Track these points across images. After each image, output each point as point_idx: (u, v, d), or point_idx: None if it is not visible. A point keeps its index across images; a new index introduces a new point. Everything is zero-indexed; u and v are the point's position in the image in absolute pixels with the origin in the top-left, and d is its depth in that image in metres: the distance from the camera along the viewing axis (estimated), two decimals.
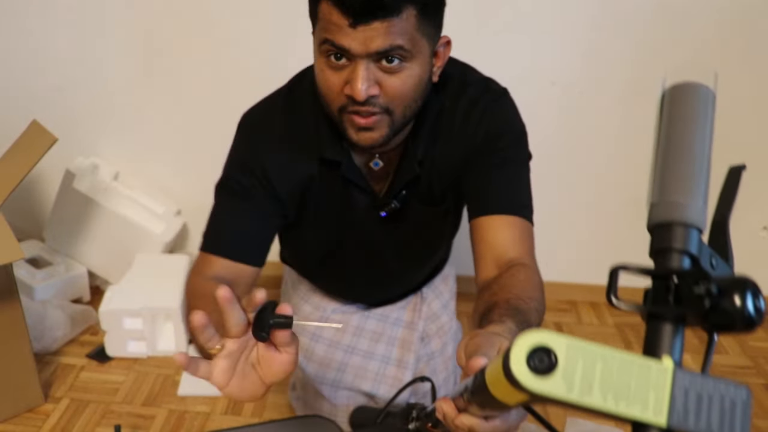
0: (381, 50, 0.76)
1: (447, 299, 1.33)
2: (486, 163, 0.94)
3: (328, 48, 0.78)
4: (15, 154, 1.40)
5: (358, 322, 1.26)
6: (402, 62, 0.79)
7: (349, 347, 1.24)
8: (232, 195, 0.97)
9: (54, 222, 1.85)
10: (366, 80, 0.78)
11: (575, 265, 2.02)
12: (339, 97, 0.81)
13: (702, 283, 0.37)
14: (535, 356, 0.35)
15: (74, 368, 1.61)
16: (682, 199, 0.40)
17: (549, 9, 1.61)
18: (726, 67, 1.68)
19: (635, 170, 1.84)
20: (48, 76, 1.79)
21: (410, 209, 1.01)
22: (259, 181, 0.94)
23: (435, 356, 1.26)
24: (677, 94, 0.43)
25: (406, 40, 0.77)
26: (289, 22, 1.64)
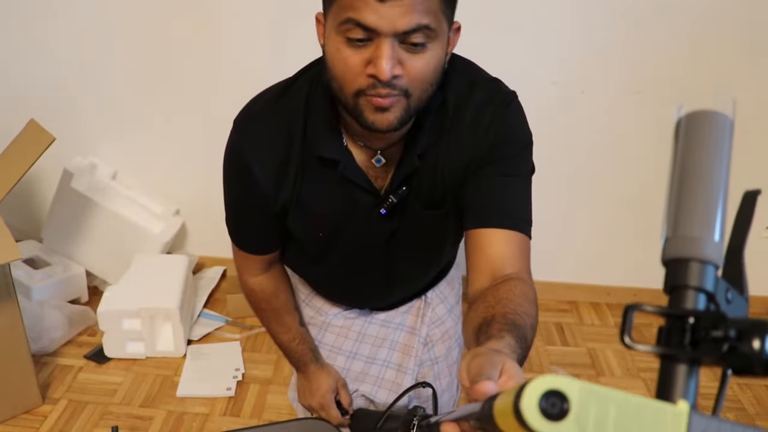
0: (408, 29, 0.73)
1: (452, 304, 1.31)
2: (490, 171, 0.91)
3: (349, 27, 0.73)
4: (12, 153, 1.39)
5: (360, 327, 1.25)
6: (426, 43, 0.75)
7: (351, 352, 1.24)
8: (239, 201, 1.01)
9: (52, 222, 1.84)
10: (391, 59, 0.74)
11: (575, 265, 2.01)
12: (358, 79, 0.77)
13: (720, 326, 0.36)
14: (547, 400, 0.34)
15: (72, 369, 1.60)
16: (699, 234, 0.39)
17: (550, 8, 1.60)
18: (726, 67, 1.67)
19: (636, 170, 1.84)
20: (46, 76, 1.78)
21: (410, 210, 0.99)
22: (254, 190, 0.95)
23: (439, 361, 1.24)
24: (693, 122, 0.41)
25: (432, 19, 0.74)
26: (289, 23, 1.63)
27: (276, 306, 1.17)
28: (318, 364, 1.20)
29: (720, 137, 0.40)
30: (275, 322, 1.19)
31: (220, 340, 1.74)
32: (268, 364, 1.66)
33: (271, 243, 1.07)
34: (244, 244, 1.07)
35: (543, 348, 1.80)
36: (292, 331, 1.20)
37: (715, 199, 0.39)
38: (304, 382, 1.22)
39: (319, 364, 1.20)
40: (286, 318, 1.19)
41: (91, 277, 1.89)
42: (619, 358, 1.78)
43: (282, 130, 0.92)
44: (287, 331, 1.19)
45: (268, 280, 1.15)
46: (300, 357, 1.20)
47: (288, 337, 1.19)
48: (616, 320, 1.97)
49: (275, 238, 1.06)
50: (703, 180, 0.40)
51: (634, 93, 1.71)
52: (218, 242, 2.03)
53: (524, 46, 1.66)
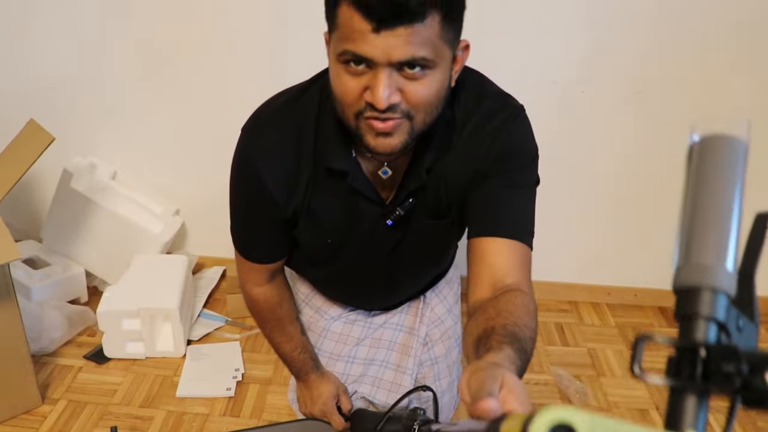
0: (404, 60, 0.73)
1: (451, 303, 1.31)
2: (495, 183, 0.92)
3: (347, 58, 0.75)
4: (12, 153, 1.39)
5: (359, 333, 1.25)
6: (424, 70, 0.76)
7: (349, 357, 1.24)
8: (247, 209, 1.00)
9: (51, 222, 1.84)
10: (387, 88, 0.75)
11: (576, 265, 2.01)
12: (357, 102, 0.78)
13: (732, 360, 0.35)
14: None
15: (72, 369, 1.59)
16: (711, 262, 0.38)
17: (550, 8, 1.60)
18: (726, 68, 1.67)
19: (636, 170, 1.84)
20: (46, 76, 1.77)
21: (416, 221, 1.00)
22: (264, 197, 0.95)
23: (439, 361, 1.24)
24: (707, 147, 0.41)
25: (429, 50, 0.74)
26: (288, 23, 1.63)
27: (279, 316, 1.17)
28: (318, 372, 1.20)
29: (734, 162, 0.40)
30: (278, 332, 1.19)
31: (219, 340, 1.74)
32: (268, 364, 1.66)
33: (277, 252, 1.07)
34: (250, 254, 1.06)
35: (543, 348, 1.80)
36: (294, 340, 1.19)
37: (728, 226, 0.39)
38: (305, 390, 1.22)
39: (319, 372, 1.20)
40: (289, 328, 1.19)
41: (91, 277, 1.89)
42: (619, 358, 1.78)
43: (292, 139, 0.92)
44: (289, 340, 1.19)
45: (272, 291, 1.14)
46: (301, 366, 1.20)
47: (290, 347, 1.19)
48: (617, 320, 1.97)
49: (282, 248, 1.06)
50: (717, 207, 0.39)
51: (634, 93, 1.71)
52: (218, 242, 2.03)
53: (524, 46, 1.66)
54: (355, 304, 1.25)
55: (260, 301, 1.14)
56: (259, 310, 1.16)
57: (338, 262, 1.07)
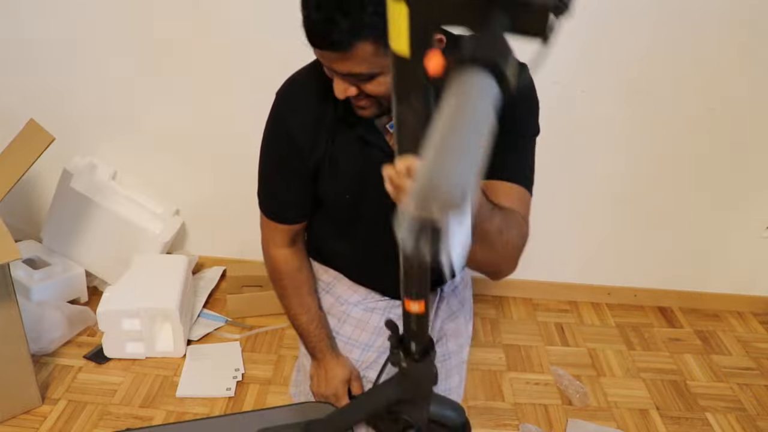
0: (343, 73, 0.87)
1: (464, 298, 1.36)
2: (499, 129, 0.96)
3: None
4: (12, 153, 1.39)
5: (378, 321, 1.28)
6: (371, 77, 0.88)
7: (366, 345, 1.28)
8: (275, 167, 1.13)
9: (51, 222, 1.84)
10: (341, 87, 0.91)
11: (576, 265, 2.01)
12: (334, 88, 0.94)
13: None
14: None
15: (72, 369, 1.59)
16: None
17: None
18: (725, 67, 1.67)
19: (636, 170, 1.84)
20: (46, 76, 1.77)
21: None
22: (292, 153, 1.08)
23: (451, 356, 1.29)
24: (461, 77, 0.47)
25: (365, 67, 0.85)
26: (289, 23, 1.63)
27: (298, 282, 1.22)
28: (333, 354, 1.22)
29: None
30: (296, 299, 1.23)
31: (219, 340, 1.74)
32: (268, 364, 1.66)
33: (299, 210, 1.16)
34: (275, 213, 1.16)
35: (543, 348, 1.80)
36: (311, 312, 1.23)
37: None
38: (320, 370, 1.24)
39: (334, 353, 1.22)
40: (307, 298, 1.23)
41: (91, 277, 1.89)
42: (619, 358, 1.78)
43: (319, 92, 1.02)
44: (307, 311, 1.23)
45: (292, 254, 1.21)
46: (317, 342, 1.23)
47: (307, 318, 1.22)
48: (617, 320, 1.97)
49: (304, 206, 1.16)
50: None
51: (635, 93, 1.71)
52: (218, 242, 2.03)
53: (524, 47, 1.65)
54: (375, 287, 1.28)
55: (281, 263, 1.20)
56: (279, 275, 1.21)
57: (359, 226, 1.13)
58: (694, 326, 1.96)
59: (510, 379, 1.66)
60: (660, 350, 1.84)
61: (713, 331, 1.94)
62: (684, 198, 1.87)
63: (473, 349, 1.77)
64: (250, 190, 2.04)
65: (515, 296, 2.05)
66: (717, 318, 2.01)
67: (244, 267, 1.91)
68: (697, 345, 1.88)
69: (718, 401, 1.63)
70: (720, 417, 1.58)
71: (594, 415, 1.54)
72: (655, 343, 1.86)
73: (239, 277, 1.87)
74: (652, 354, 1.82)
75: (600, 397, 1.62)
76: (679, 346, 1.86)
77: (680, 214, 1.90)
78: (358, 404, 1.17)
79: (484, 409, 1.55)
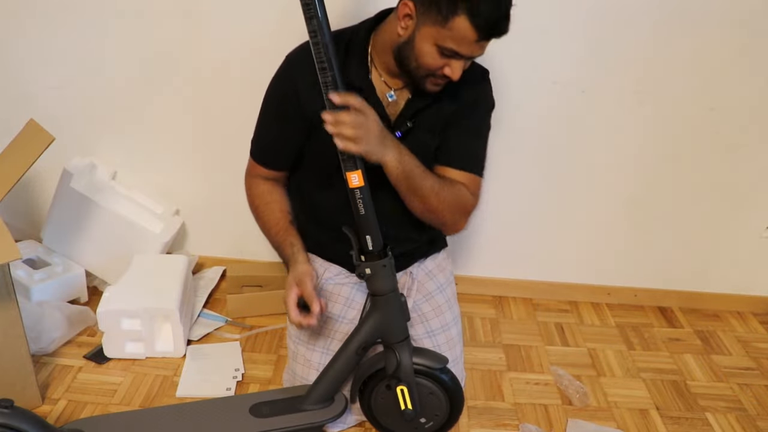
0: (475, 55, 1.14)
1: (442, 283, 1.48)
2: (464, 124, 1.30)
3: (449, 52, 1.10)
4: (12, 153, 1.39)
5: (348, 293, 1.40)
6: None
7: (339, 316, 1.38)
8: (273, 115, 1.30)
9: (51, 222, 1.84)
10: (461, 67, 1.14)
11: (576, 265, 2.01)
12: (436, 70, 1.14)
13: None
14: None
15: (72, 369, 1.59)
16: None
17: (550, 7, 1.60)
18: (726, 67, 1.67)
19: (636, 170, 1.84)
20: (45, 75, 1.77)
21: (415, 136, 1.27)
22: (292, 104, 1.24)
23: (436, 333, 1.41)
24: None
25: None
26: (289, 25, 1.63)
27: (268, 200, 1.36)
28: (293, 261, 1.30)
29: None
30: (266, 215, 1.35)
31: (219, 340, 1.74)
32: (268, 364, 1.66)
33: (284, 159, 1.35)
34: (261, 156, 1.35)
35: (543, 348, 1.80)
36: (279, 223, 1.35)
37: None
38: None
39: (293, 261, 1.30)
40: (278, 213, 1.35)
41: (91, 277, 1.89)
42: (619, 358, 1.78)
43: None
44: (276, 223, 1.34)
45: (265, 181, 1.38)
46: (284, 251, 1.33)
47: (276, 230, 1.34)
48: (617, 320, 1.97)
49: (288, 157, 1.34)
50: None
51: (634, 93, 1.71)
52: (218, 242, 2.03)
53: (524, 46, 1.65)
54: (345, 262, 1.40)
55: (253, 186, 1.38)
56: (252, 197, 1.38)
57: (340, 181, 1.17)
58: (694, 326, 1.96)
59: (510, 379, 1.66)
60: (660, 350, 1.84)
61: (713, 331, 1.94)
62: (684, 198, 1.87)
63: (473, 349, 1.77)
64: None
65: (515, 296, 2.05)
66: (717, 318, 2.01)
67: (244, 267, 1.91)
68: (697, 345, 1.88)
69: (718, 401, 1.63)
70: (720, 417, 1.58)
71: (594, 415, 1.55)
72: (655, 343, 1.86)
73: (239, 277, 1.87)
74: (652, 354, 1.82)
75: (600, 397, 1.62)
76: (679, 346, 1.86)
77: (680, 214, 1.90)
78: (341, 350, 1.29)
79: (484, 409, 1.55)
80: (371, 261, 1.19)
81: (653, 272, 2.02)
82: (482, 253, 1.99)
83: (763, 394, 1.67)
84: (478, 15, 1.04)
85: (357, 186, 1.12)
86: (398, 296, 1.23)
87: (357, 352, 1.25)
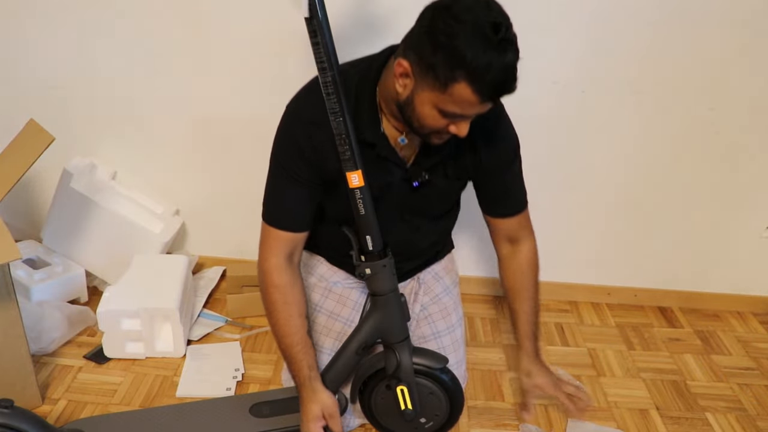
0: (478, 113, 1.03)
1: (449, 285, 1.48)
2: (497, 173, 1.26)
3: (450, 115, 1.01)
4: (12, 153, 1.39)
5: (358, 297, 1.39)
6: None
7: (347, 320, 1.37)
8: (286, 177, 1.18)
9: (51, 222, 1.84)
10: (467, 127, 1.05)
11: (576, 265, 2.01)
12: (438, 128, 1.05)
13: None
14: None
15: (72, 369, 1.59)
16: None
17: (550, 7, 1.60)
18: (726, 67, 1.67)
19: (636, 170, 1.84)
20: (45, 75, 1.77)
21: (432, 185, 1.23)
22: (307, 163, 1.15)
23: (441, 335, 1.41)
24: None
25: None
26: (288, 26, 1.63)
27: (289, 299, 1.22)
28: (311, 387, 1.21)
29: None
30: (284, 317, 1.22)
31: (219, 340, 1.74)
32: (268, 364, 1.66)
33: (304, 219, 1.22)
34: (279, 220, 1.20)
35: (543, 348, 1.80)
36: (297, 334, 1.22)
37: None
38: (300, 402, 1.24)
39: (312, 386, 1.21)
40: (296, 319, 1.22)
41: (91, 277, 1.89)
42: (619, 358, 1.78)
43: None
44: (293, 333, 1.22)
45: (288, 268, 1.23)
46: (298, 370, 1.22)
47: (291, 341, 1.22)
48: (617, 320, 1.97)
49: (308, 217, 1.22)
50: None
51: (634, 93, 1.71)
52: (218, 242, 2.03)
53: (524, 46, 1.65)
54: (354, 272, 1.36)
55: (274, 274, 1.21)
56: (270, 287, 1.21)
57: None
58: (694, 326, 1.96)
59: (510, 379, 1.66)
60: (660, 350, 1.84)
61: (713, 331, 1.94)
62: (684, 198, 1.87)
63: (473, 349, 1.77)
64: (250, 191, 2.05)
65: None
66: (717, 318, 2.01)
67: (244, 267, 1.91)
68: (697, 345, 1.88)
69: (718, 401, 1.63)
70: (720, 417, 1.58)
71: (594, 415, 1.54)
72: (655, 343, 1.86)
73: (239, 277, 1.87)
74: (652, 354, 1.82)
75: (600, 397, 1.62)
76: (679, 346, 1.86)
77: (680, 214, 1.90)
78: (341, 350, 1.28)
79: (484, 409, 1.55)
80: (371, 261, 1.19)
81: (653, 272, 2.02)
82: (482, 254, 1.99)
83: (763, 394, 1.67)
84: (480, 81, 0.93)
85: (357, 186, 1.11)
86: (398, 296, 1.23)
87: (357, 352, 1.25)
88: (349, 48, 1.61)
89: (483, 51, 0.91)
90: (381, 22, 1.61)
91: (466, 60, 0.91)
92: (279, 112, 1.19)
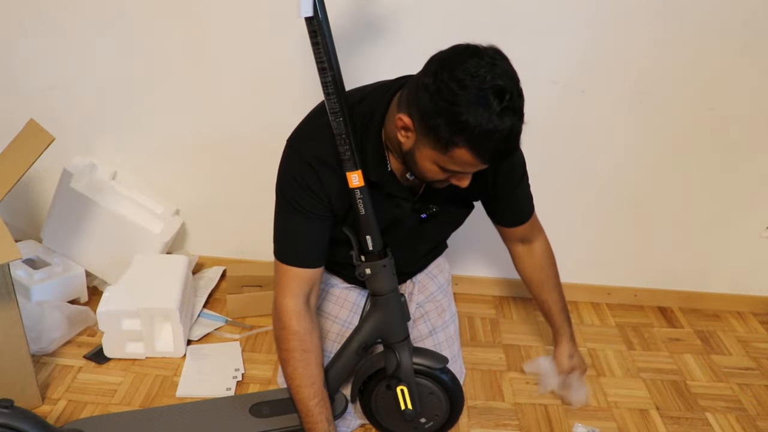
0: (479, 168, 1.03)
1: (442, 283, 1.51)
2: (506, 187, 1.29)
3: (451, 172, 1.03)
4: (12, 153, 1.39)
5: (355, 299, 1.41)
6: None
7: (345, 322, 1.39)
8: (297, 213, 1.15)
9: (51, 222, 1.84)
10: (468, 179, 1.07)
11: (576, 265, 2.01)
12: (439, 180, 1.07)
13: None
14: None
15: (72, 369, 1.59)
16: None
17: (550, 7, 1.60)
18: (726, 67, 1.67)
19: (636, 170, 1.84)
20: (45, 75, 1.77)
21: (440, 213, 1.26)
22: (319, 200, 1.14)
23: (437, 331, 1.43)
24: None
25: None
26: (287, 30, 1.63)
27: (307, 346, 1.18)
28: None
29: None
30: (302, 366, 1.18)
31: (219, 340, 1.74)
32: (268, 364, 1.66)
33: (320, 253, 1.20)
34: (295, 257, 1.17)
35: (543, 348, 1.80)
36: (315, 385, 1.19)
37: None
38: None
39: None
40: (314, 369, 1.19)
41: (91, 277, 1.89)
42: (619, 358, 1.78)
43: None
44: (311, 384, 1.18)
45: (306, 314, 1.19)
46: (315, 424, 1.18)
47: (309, 393, 1.18)
48: (617, 320, 1.97)
49: (324, 250, 1.21)
50: None
51: (634, 93, 1.71)
52: (218, 242, 2.03)
53: (524, 46, 1.66)
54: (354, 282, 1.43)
55: (293, 319, 1.17)
56: (288, 333, 1.18)
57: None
58: (694, 326, 1.96)
59: (510, 379, 1.66)
60: (660, 350, 1.84)
61: (713, 331, 1.94)
62: (684, 198, 1.87)
63: (473, 349, 1.77)
64: (251, 191, 2.05)
65: (515, 296, 2.05)
66: (717, 318, 2.01)
67: (244, 267, 1.91)
68: (697, 345, 1.88)
69: (718, 401, 1.63)
70: (720, 417, 1.58)
71: (594, 415, 1.55)
72: (655, 343, 1.86)
73: (239, 277, 1.87)
74: (652, 354, 1.82)
75: (600, 397, 1.62)
76: (679, 346, 1.86)
77: (680, 214, 1.90)
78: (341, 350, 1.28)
79: (484, 409, 1.55)
80: (371, 261, 1.19)
81: (653, 272, 2.02)
82: (482, 254, 1.99)
83: (763, 394, 1.67)
84: (481, 148, 0.94)
85: (357, 186, 1.12)
86: (398, 296, 1.23)
87: (357, 352, 1.25)
88: (349, 48, 1.62)
89: (485, 119, 0.90)
90: (381, 22, 1.61)
91: (468, 127, 0.91)
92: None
